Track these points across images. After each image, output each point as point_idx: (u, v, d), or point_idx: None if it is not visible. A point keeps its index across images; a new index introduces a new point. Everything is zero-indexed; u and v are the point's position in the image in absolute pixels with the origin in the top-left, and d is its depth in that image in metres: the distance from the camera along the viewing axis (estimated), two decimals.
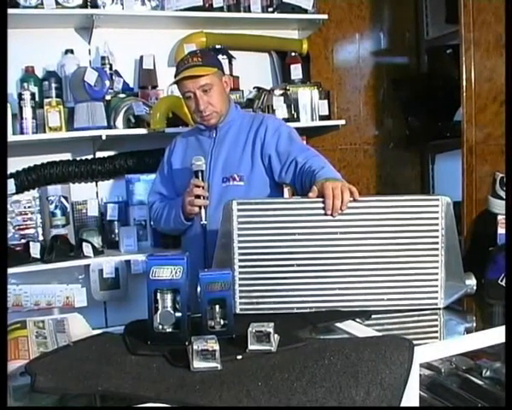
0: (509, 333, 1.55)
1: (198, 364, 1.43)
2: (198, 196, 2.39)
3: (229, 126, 2.57)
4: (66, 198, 3.22)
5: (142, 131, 3.19)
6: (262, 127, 2.50)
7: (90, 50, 3.38)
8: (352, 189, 1.90)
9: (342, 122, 3.61)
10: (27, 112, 2.99)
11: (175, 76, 2.52)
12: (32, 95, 3.03)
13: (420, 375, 1.54)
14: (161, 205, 2.66)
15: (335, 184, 1.90)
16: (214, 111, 2.49)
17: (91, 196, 3.40)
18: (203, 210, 2.40)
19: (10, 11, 2.81)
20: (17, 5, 2.99)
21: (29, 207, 3.21)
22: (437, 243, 1.88)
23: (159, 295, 1.62)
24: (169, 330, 1.64)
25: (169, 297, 1.62)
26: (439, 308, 1.90)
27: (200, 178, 2.41)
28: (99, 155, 3.39)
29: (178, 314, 1.63)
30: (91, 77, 3.04)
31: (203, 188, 2.40)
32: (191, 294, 1.67)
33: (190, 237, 2.57)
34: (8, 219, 3.11)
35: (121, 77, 3.33)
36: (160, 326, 1.63)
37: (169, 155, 2.72)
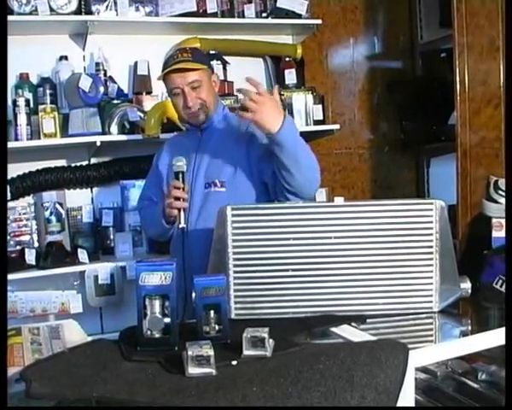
0: (509, 335, 1.55)
1: (193, 369, 1.43)
2: (177, 199, 2.31)
3: (215, 129, 2.49)
4: (61, 204, 3.21)
5: (137, 136, 3.19)
6: (249, 128, 2.38)
7: (84, 57, 3.38)
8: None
9: (337, 127, 3.61)
10: (22, 118, 2.99)
11: (162, 71, 2.47)
12: (27, 101, 3.02)
13: (415, 379, 1.54)
14: (148, 210, 2.63)
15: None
16: (202, 107, 2.42)
17: (86, 202, 3.39)
18: (182, 213, 2.31)
19: None
20: (11, 12, 2.98)
21: (24, 213, 3.20)
22: (431, 246, 1.88)
23: (147, 300, 1.62)
24: (158, 335, 1.64)
25: (157, 303, 1.62)
26: (434, 312, 1.90)
27: (181, 179, 2.32)
28: (94, 161, 3.39)
29: (167, 320, 1.63)
30: (86, 83, 3.04)
31: (183, 189, 2.31)
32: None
33: (173, 241, 2.53)
34: None
35: (115, 83, 3.33)
36: (149, 332, 1.63)
37: (156, 159, 2.68)
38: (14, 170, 3.17)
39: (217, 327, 1.66)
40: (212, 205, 2.18)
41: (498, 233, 2.35)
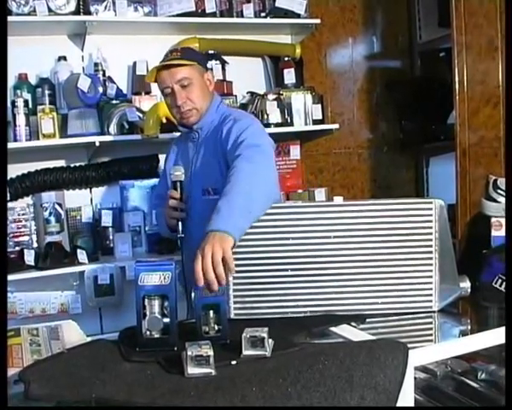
0: (510, 334, 1.55)
1: (192, 370, 1.43)
2: (175, 209, 2.27)
3: (209, 129, 2.38)
4: (60, 205, 3.21)
5: (136, 137, 3.19)
6: (220, 133, 2.29)
7: (83, 57, 3.38)
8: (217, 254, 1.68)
9: (336, 126, 3.61)
10: (21, 119, 2.99)
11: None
12: (26, 102, 3.02)
13: (415, 378, 1.54)
14: (158, 212, 2.59)
15: (204, 257, 1.68)
16: (194, 108, 2.33)
17: (85, 202, 3.39)
18: (180, 223, 2.26)
19: None
20: (10, 13, 2.98)
21: (23, 214, 3.20)
22: (431, 245, 1.88)
23: (146, 301, 1.62)
24: (157, 335, 1.63)
25: (157, 303, 1.62)
26: (434, 311, 1.90)
27: (179, 189, 2.27)
28: (93, 161, 3.38)
29: (166, 320, 1.63)
30: (84, 83, 3.04)
31: (181, 200, 2.26)
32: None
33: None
34: None
35: (114, 83, 3.32)
36: (148, 332, 1.63)
37: (165, 160, 2.64)
38: (13, 171, 3.17)
39: (216, 327, 1.66)
40: (210, 213, 2.10)
41: (498, 232, 2.35)
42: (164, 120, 3.20)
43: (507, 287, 1.93)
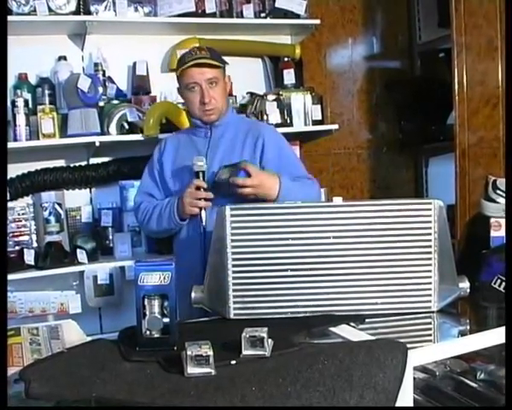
0: (510, 334, 1.55)
1: (192, 369, 1.43)
2: (198, 198, 2.36)
3: (225, 128, 2.54)
4: (60, 205, 3.21)
5: (136, 137, 3.19)
6: (260, 138, 2.49)
7: (83, 57, 3.38)
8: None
9: (335, 127, 3.62)
10: (21, 119, 2.99)
11: (179, 66, 2.49)
12: (26, 102, 3.03)
13: (414, 378, 1.55)
14: (151, 205, 2.58)
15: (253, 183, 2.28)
16: (216, 107, 2.48)
17: (85, 202, 3.40)
18: (203, 212, 2.37)
19: None
20: (10, 12, 2.98)
21: (23, 214, 3.20)
22: (430, 246, 1.88)
23: (146, 300, 1.62)
24: (157, 335, 1.63)
25: (156, 303, 1.62)
26: (433, 311, 1.90)
27: (202, 178, 2.38)
28: (93, 161, 3.39)
29: (166, 320, 1.63)
30: (84, 83, 3.04)
31: (205, 190, 2.37)
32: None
33: (185, 239, 2.52)
34: None
35: (114, 83, 3.33)
36: (148, 332, 1.63)
37: (159, 155, 2.65)
38: (13, 170, 3.17)
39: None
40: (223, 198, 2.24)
41: (497, 233, 2.35)
42: (163, 120, 3.21)
43: (506, 287, 1.93)
